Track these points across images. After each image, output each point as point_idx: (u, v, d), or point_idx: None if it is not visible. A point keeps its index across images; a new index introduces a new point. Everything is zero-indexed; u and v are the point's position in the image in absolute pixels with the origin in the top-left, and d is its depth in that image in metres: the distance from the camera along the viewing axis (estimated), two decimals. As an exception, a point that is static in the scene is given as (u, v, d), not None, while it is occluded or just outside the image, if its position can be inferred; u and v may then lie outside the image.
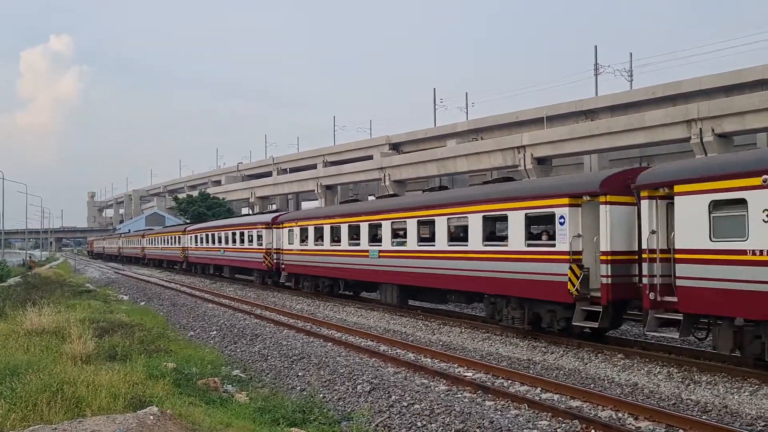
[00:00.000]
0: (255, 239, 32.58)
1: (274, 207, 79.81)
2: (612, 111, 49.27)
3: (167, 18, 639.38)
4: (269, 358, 14.89)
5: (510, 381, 11.91)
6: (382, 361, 13.98)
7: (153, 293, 31.56)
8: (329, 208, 31.60)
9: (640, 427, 9.03)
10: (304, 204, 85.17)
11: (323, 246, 25.72)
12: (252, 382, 12.70)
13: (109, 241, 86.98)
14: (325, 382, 12.23)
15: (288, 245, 29.02)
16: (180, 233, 48.00)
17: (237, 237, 35.36)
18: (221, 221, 45.52)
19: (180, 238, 47.60)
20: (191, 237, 44.50)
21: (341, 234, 24.32)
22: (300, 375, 13.09)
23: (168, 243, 51.80)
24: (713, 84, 43.45)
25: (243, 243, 34.37)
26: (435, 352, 14.54)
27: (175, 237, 49.22)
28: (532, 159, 46.81)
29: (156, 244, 56.16)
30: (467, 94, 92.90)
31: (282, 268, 29.73)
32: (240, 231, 35.02)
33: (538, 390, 11.20)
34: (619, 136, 41.83)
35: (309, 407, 9.91)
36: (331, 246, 25.10)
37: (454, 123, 64.83)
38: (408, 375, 12.63)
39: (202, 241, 42.20)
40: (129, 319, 18.83)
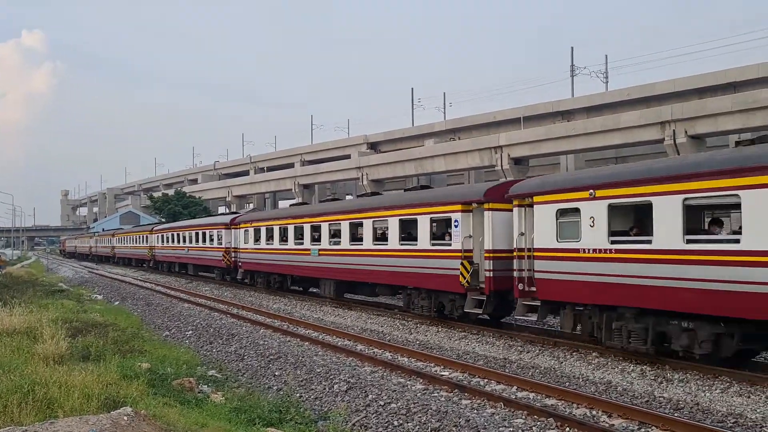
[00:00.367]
0: (215, 239, 34.87)
1: (251, 206, 79.43)
2: (588, 112, 49.82)
3: (143, 15, 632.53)
4: (245, 357, 14.80)
5: (486, 380, 11.97)
6: (359, 361, 13.98)
7: (127, 293, 31.22)
8: (279, 210, 35.72)
9: (613, 425, 9.13)
10: (281, 203, 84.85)
11: (273, 245, 28.10)
12: (228, 382, 12.61)
13: (81, 240, 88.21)
14: (302, 381, 12.20)
15: (244, 244, 31.45)
16: (147, 233, 49.80)
17: (199, 237, 37.59)
18: (185, 222, 47.73)
19: (147, 237, 49.40)
20: (158, 236, 46.48)
21: (288, 234, 26.77)
22: (277, 375, 13.03)
23: (136, 242, 53.71)
24: (686, 86, 44.16)
25: (205, 242, 36.61)
26: (412, 351, 14.58)
27: (143, 236, 51.07)
28: (509, 159, 47.13)
29: (125, 243, 58.16)
30: (445, 94, 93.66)
31: (239, 265, 32.00)
32: (202, 231, 37.35)
33: (514, 388, 11.28)
34: (595, 136, 42.30)
35: (285, 407, 9.87)
36: (280, 245, 27.50)
37: (431, 123, 65.05)
38: (385, 374, 12.64)
39: (167, 241, 44.14)
40: (103, 319, 18.59)
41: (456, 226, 17.10)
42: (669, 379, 11.40)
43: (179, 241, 41.58)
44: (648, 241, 12.18)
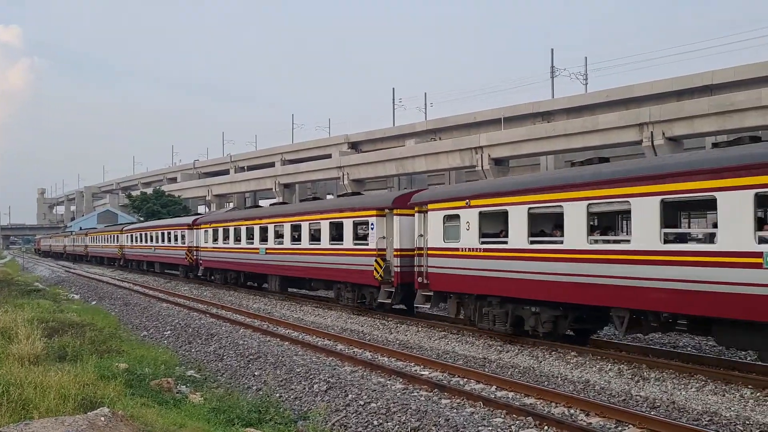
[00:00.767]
0: (179, 239, 37.17)
1: (231, 205, 78.93)
2: (568, 113, 50.18)
3: (123, 12, 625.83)
4: (225, 357, 14.72)
5: (466, 379, 12.03)
6: (339, 360, 13.97)
7: (105, 292, 30.87)
8: (235, 212, 37.69)
9: (591, 423, 9.22)
10: (261, 202, 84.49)
11: (229, 245, 30.69)
12: (207, 382, 12.53)
13: (56, 240, 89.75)
14: (282, 381, 12.16)
15: (204, 244, 34.10)
16: (118, 232, 52.29)
17: (165, 237, 39.90)
18: (152, 222, 49.77)
19: (118, 237, 51.76)
20: (127, 236, 48.89)
21: (241, 235, 29.36)
22: (256, 375, 12.97)
23: (108, 241, 56.16)
24: (664, 89, 44.65)
25: (170, 242, 38.86)
26: (392, 351, 14.60)
27: (114, 236, 53.39)
28: (489, 159, 47.36)
29: (97, 242, 60.60)
30: (426, 94, 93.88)
31: (200, 263, 34.65)
32: (167, 231, 39.68)
33: (493, 388, 11.34)
34: (575, 137, 42.64)
35: (265, 407, 9.82)
36: (234, 245, 30.08)
37: (412, 123, 65.11)
38: (365, 374, 12.64)
39: (136, 240, 46.50)
40: (80, 319, 18.36)
41: (372, 228, 19.81)
42: (646, 378, 11.53)
43: (147, 241, 43.73)
44: (505, 242, 14.96)
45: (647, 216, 11.72)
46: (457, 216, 16.31)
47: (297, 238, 24.31)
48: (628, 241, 12.30)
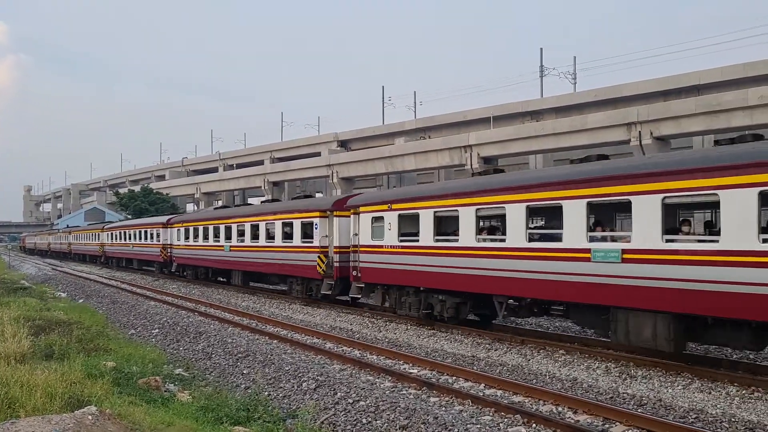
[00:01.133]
0: (155, 237, 39.49)
1: (220, 203, 78.67)
2: (557, 112, 50.40)
3: (111, 10, 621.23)
4: (213, 356, 14.67)
5: (455, 377, 12.05)
6: (327, 359, 13.96)
7: (92, 290, 30.68)
8: (204, 212, 41.82)
9: (578, 421, 9.27)
10: (250, 200, 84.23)
11: (198, 242, 32.94)
12: (195, 380, 12.48)
13: (41, 237, 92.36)
14: (270, 379, 12.13)
15: (177, 242, 36.23)
16: (99, 231, 54.94)
17: (142, 235, 42.26)
18: (131, 221, 52.12)
19: (99, 235, 54.48)
20: (108, 234, 51.56)
21: (209, 233, 31.48)
22: (245, 373, 12.94)
23: (90, 239, 58.56)
24: (652, 88, 44.94)
25: (146, 239, 41.26)
26: (381, 349, 14.60)
27: (96, 234, 56.07)
28: (478, 158, 47.46)
29: (80, 240, 62.99)
30: (416, 92, 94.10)
31: (173, 260, 36.85)
32: (144, 230, 42.05)
33: (482, 386, 11.37)
34: (563, 137, 42.83)
35: (253, 405, 9.80)
36: (203, 242, 32.28)
37: (402, 121, 65.16)
38: (354, 372, 12.64)
39: (116, 238, 49.06)
40: (67, 317, 18.23)
41: (316, 228, 22.20)
42: (633, 376, 11.61)
43: (125, 239, 46.27)
44: (416, 240, 17.26)
45: (520, 219, 14.09)
46: (382, 218, 18.73)
47: (256, 236, 26.59)
48: (503, 240, 14.60)
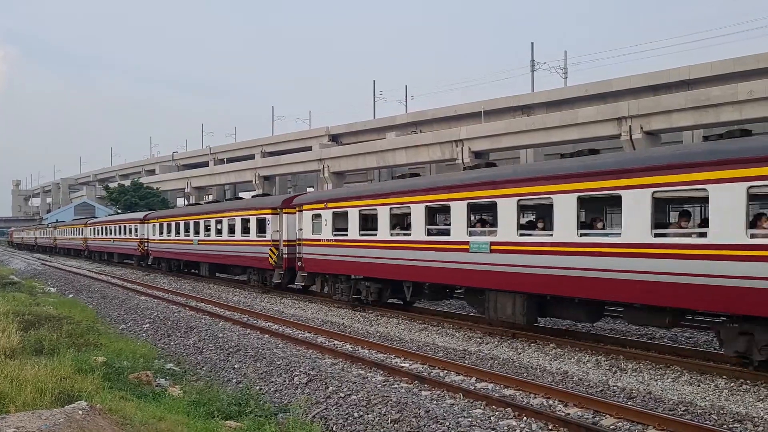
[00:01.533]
0: (133, 231, 42.20)
1: (210, 198, 78.35)
2: (547, 107, 50.47)
3: (100, 4, 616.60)
4: (204, 350, 14.64)
5: (446, 371, 12.09)
6: (319, 353, 13.96)
7: (82, 285, 30.55)
8: (176, 209, 43.94)
9: (569, 414, 9.32)
10: (241, 194, 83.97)
11: (171, 237, 35.45)
12: (186, 375, 12.46)
13: (27, 232, 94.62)
14: (262, 374, 12.13)
15: (152, 236, 38.96)
16: (82, 226, 57.28)
17: (121, 230, 44.84)
18: (112, 217, 54.63)
19: (83, 230, 56.92)
20: (91, 229, 53.96)
21: (180, 228, 34.02)
22: (236, 367, 12.93)
23: (74, 234, 60.86)
24: (642, 83, 45.07)
25: (126, 234, 43.92)
26: (372, 343, 14.62)
27: (79, 229, 58.51)
28: (469, 152, 47.46)
29: (65, 235, 65.52)
30: (407, 87, 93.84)
31: (150, 253, 39.65)
32: (123, 225, 44.69)
33: (473, 379, 11.41)
34: (554, 131, 42.86)
35: (245, 400, 9.80)
36: (175, 237, 34.80)
37: (393, 116, 65.07)
38: (345, 366, 12.65)
39: (98, 233, 51.45)
40: (57, 312, 18.14)
41: (268, 223, 24.75)
42: (623, 369, 11.68)
43: (107, 233, 48.71)
44: (346, 234, 19.75)
45: (421, 217, 16.61)
46: (320, 215, 21.22)
47: (219, 231, 29.52)
48: (409, 234, 17.30)
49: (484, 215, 16.70)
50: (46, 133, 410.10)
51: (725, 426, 8.73)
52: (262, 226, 25.39)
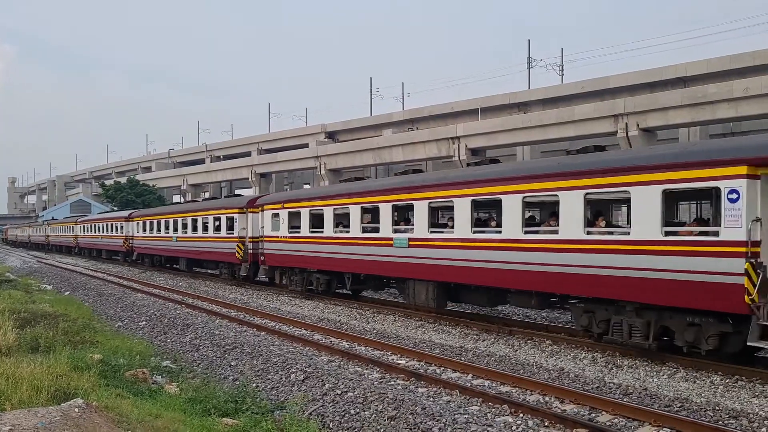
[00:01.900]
0: (119, 229, 44.36)
1: (207, 195, 78.27)
2: (544, 104, 50.49)
3: (100, 2, 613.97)
4: (201, 348, 14.63)
5: (442, 368, 12.10)
6: (315, 350, 13.97)
7: (78, 283, 30.48)
8: (159, 208, 46.59)
9: (565, 410, 9.34)
10: (237, 191, 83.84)
11: (153, 234, 37.68)
12: (183, 372, 12.45)
13: (21, 230, 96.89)
14: (258, 371, 12.13)
15: (137, 233, 41.12)
16: (73, 223, 59.83)
17: (109, 227, 47.14)
18: (100, 215, 57.11)
19: (73, 227, 59.33)
20: (80, 227, 56.33)
21: (161, 226, 36.26)
22: (233, 365, 12.92)
23: (65, 231, 63.38)
24: (638, 80, 45.11)
25: (112, 231, 46.16)
26: (369, 340, 14.63)
27: (70, 227, 60.92)
28: (466, 150, 47.50)
29: (57, 232, 67.78)
30: (403, 84, 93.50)
31: (134, 249, 41.67)
32: (110, 223, 46.98)
33: (469, 376, 11.43)
34: (550, 128, 42.93)
35: (241, 397, 9.80)
36: (156, 234, 37.08)
37: (390, 113, 65.05)
38: (342, 363, 12.65)
39: (87, 230, 53.65)
40: (53, 310, 18.10)
41: (236, 222, 27.10)
42: (619, 366, 11.71)
43: (95, 231, 50.79)
44: (299, 232, 22.06)
45: (357, 216, 19.10)
46: (278, 214, 23.41)
47: (195, 228, 31.57)
48: (348, 232, 19.56)
49: (407, 214, 19.07)
50: (42, 131, 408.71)
51: (721, 422, 8.76)
52: (231, 224, 27.66)
